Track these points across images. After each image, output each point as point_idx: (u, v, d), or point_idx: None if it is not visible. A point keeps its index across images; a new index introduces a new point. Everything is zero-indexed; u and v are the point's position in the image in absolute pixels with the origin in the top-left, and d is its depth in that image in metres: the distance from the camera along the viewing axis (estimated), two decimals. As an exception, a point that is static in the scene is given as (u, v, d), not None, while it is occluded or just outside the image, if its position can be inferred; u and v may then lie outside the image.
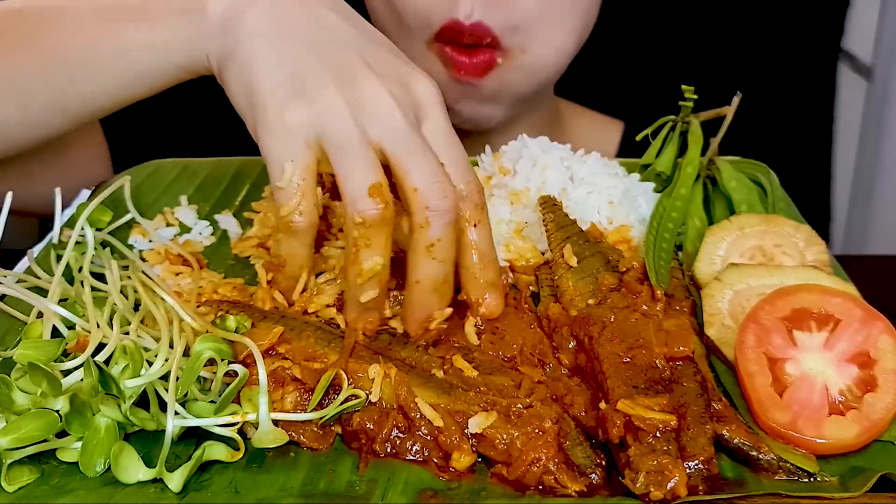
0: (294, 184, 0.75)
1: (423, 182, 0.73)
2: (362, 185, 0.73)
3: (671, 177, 0.95)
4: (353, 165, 0.73)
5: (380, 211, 0.73)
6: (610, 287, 0.79)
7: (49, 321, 0.74)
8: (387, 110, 0.75)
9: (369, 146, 0.74)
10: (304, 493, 0.63)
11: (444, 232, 0.74)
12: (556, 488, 0.63)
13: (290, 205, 0.75)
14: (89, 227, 0.85)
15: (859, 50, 1.76)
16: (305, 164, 0.75)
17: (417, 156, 0.74)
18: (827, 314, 0.71)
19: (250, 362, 0.69)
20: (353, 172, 0.73)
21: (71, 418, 0.65)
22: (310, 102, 0.75)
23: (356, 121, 0.74)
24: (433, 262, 0.75)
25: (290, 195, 0.75)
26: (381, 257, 0.74)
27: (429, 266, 0.75)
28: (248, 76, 0.78)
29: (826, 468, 0.64)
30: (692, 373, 0.69)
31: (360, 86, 0.76)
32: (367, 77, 0.76)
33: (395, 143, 0.74)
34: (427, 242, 0.74)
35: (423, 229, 0.74)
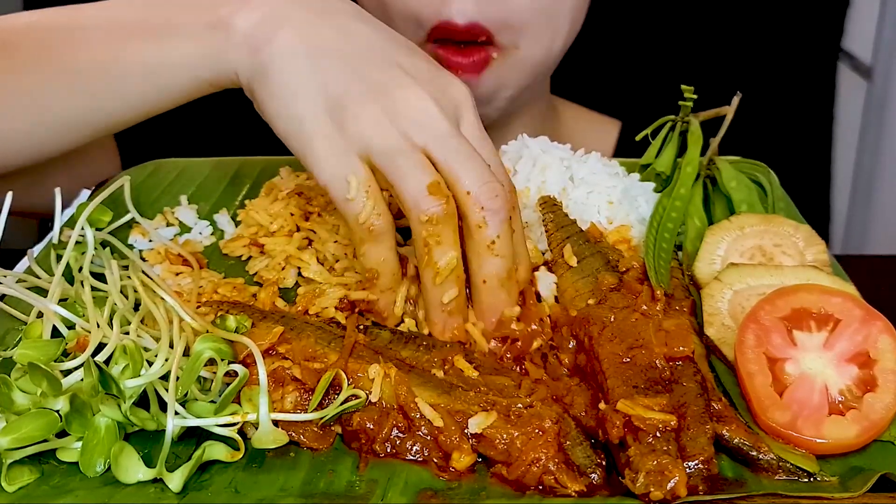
0: (362, 192, 0.76)
1: (474, 184, 0.75)
2: (421, 186, 0.74)
3: (671, 177, 0.95)
4: (407, 170, 0.75)
5: (443, 206, 0.74)
6: (610, 287, 0.79)
7: (49, 321, 0.74)
8: (430, 116, 0.76)
9: (417, 150, 0.75)
10: (304, 493, 0.63)
11: (502, 229, 0.76)
12: (556, 488, 0.63)
13: (365, 211, 0.76)
14: (89, 226, 0.85)
15: (859, 50, 1.76)
16: (367, 175, 0.76)
17: (465, 159, 0.76)
18: (826, 314, 0.71)
19: (250, 362, 0.69)
20: (409, 176, 0.74)
21: (71, 418, 0.65)
22: (355, 124, 0.76)
23: (400, 130, 0.76)
24: (496, 260, 0.76)
25: (361, 202, 0.76)
26: (455, 251, 0.75)
27: (492, 264, 0.76)
28: (288, 101, 0.79)
29: (826, 468, 0.64)
30: (692, 373, 0.69)
31: (401, 95, 0.77)
32: (408, 85, 0.77)
33: (442, 148, 0.76)
34: (487, 241, 0.76)
35: (482, 229, 0.75)
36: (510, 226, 0.77)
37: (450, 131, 0.76)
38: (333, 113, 0.77)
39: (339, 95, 0.77)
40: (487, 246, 0.76)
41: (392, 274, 0.79)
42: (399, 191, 0.75)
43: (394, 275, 0.79)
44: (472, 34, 1.08)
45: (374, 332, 0.77)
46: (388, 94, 0.77)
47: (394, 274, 0.79)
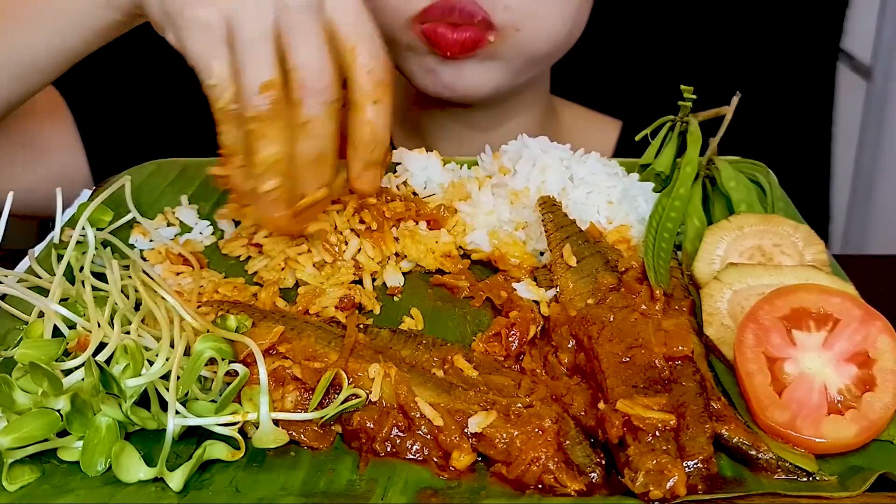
0: (224, 79, 0.77)
1: (300, 60, 0.76)
2: (254, 81, 0.76)
3: (670, 176, 0.96)
4: (249, 60, 0.76)
5: (269, 107, 0.76)
6: (609, 287, 0.79)
7: (50, 321, 0.74)
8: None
9: (267, 38, 0.77)
10: (304, 493, 0.63)
11: (319, 111, 0.77)
12: (555, 487, 0.63)
13: (224, 98, 0.78)
14: (90, 226, 0.86)
15: (858, 50, 1.76)
16: (227, 60, 0.77)
17: (300, 35, 0.77)
18: (826, 314, 0.71)
19: (251, 362, 0.69)
20: (249, 68, 0.76)
21: (72, 418, 0.65)
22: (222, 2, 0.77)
23: (253, 7, 0.76)
24: (307, 140, 0.78)
25: (223, 90, 0.77)
26: (278, 146, 0.77)
27: (303, 143, 0.78)
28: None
29: (825, 467, 0.65)
30: (691, 372, 0.69)
31: None
32: None
33: (286, 22, 0.77)
34: (301, 119, 0.77)
35: (298, 107, 0.77)
36: (332, 109, 0.77)
37: (298, 5, 0.77)
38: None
39: None
40: (301, 124, 0.77)
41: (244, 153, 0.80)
42: (238, 78, 0.77)
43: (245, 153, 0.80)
44: (467, 13, 1.05)
45: (374, 332, 0.77)
46: None
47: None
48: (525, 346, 0.76)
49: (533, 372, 0.74)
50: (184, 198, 1.00)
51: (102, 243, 0.86)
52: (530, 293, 0.83)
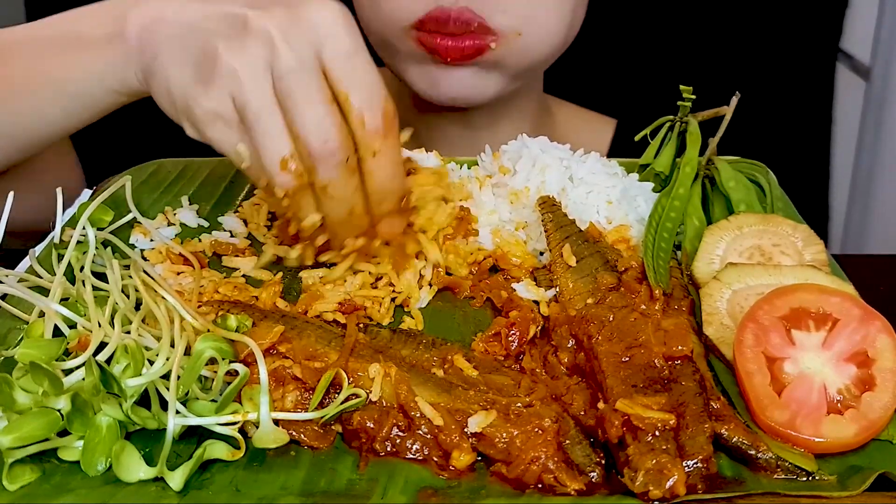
0: (256, 158, 0.78)
1: (304, 128, 0.76)
2: (274, 160, 0.76)
3: (670, 176, 0.96)
4: (262, 138, 0.76)
5: (294, 182, 0.77)
6: (609, 286, 0.79)
7: (50, 320, 0.74)
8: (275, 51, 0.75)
9: (272, 108, 0.76)
10: (304, 492, 0.63)
11: (334, 173, 0.77)
12: (555, 487, 0.64)
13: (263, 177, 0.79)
14: (91, 226, 0.86)
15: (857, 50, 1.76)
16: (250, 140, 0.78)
17: (300, 98, 0.76)
18: (825, 313, 0.71)
19: (251, 361, 0.69)
20: (264, 147, 0.76)
21: (72, 417, 0.65)
22: (212, 78, 0.77)
23: (254, 80, 0.76)
24: (333, 202, 0.78)
25: (260, 170, 0.78)
26: (316, 213, 0.79)
27: (328, 205, 0.79)
28: (165, 83, 0.80)
29: (824, 467, 0.65)
30: (691, 372, 0.69)
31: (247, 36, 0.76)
32: (253, 22, 0.77)
33: (282, 90, 0.76)
34: (320, 184, 0.78)
35: (315, 174, 0.77)
36: (348, 168, 0.77)
37: (290, 68, 0.75)
38: (199, 77, 0.78)
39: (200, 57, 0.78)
40: (321, 188, 0.78)
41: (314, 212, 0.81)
42: (259, 158, 0.77)
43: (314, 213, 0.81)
44: (463, 22, 1.04)
45: (374, 332, 0.77)
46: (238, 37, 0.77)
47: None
48: (525, 345, 0.76)
49: (533, 372, 0.74)
50: (184, 199, 1.01)
51: (103, 243, 0.86)
52: (530, 293, 0.83)
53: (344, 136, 0.77)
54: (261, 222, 0.96)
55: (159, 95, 0.83)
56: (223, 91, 0.77)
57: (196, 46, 0.78)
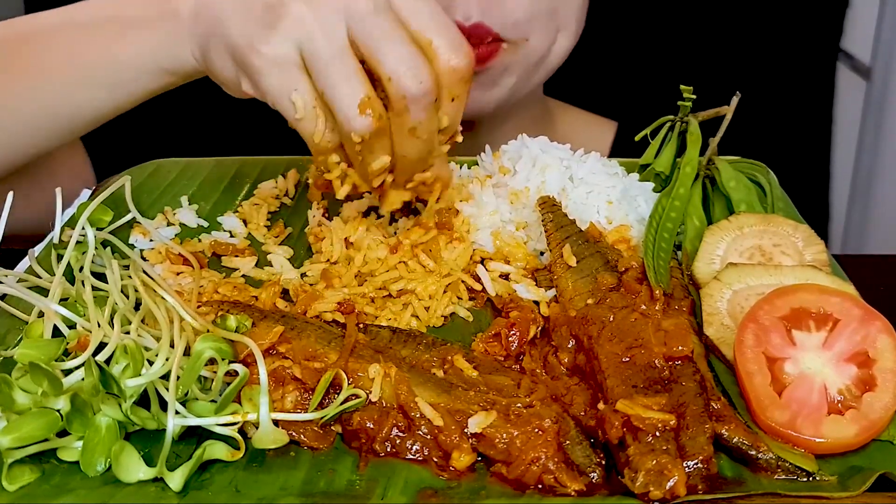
0: (310, 110, 0.77)
1: (393, 69, 0.74)
2: (351, 103, 0.75)
3: (670, 176, 0.96)
4: (337, 83, 0.75)
5: (374, 125, 0.75)
6: (609, 287, 0.79)
7: (50, 321, 0.74)
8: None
9: (346, 52, 0.75)
10: (304, 492, 0.63)
11: (425, 115, 0.77)
12: (555, 487, 0.64)
13: (318, 132, 0.77)
14: (90, 226, 0.86)
15: (858, 50, 1.76)
16: (308, 87, 0.77)
17: (384, 41, 0.75)
18: (826, 314, 0.71)
19: (251, 362, 0.69)
20: (338, 92, 0.75)
21: (72, 418, 0.65)
22: (279, 24, 0.76)
23: (323, 23, 0.75)
24: (416, 142, 0.78)
25: (312, 121, 0.77)
26: (387, 155, 0.78)
27: (412, 146, 0.78)
28: (223, 37, 0.80)
29: (825, 467, 0.65)
30: (691, 372, 0.69)
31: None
32: None
33: (361, 31, 0.75)
34: (409, 125, 0.77)
35: (404, 115, 0.76)
36: (434, 107, 0.77)
37: (369, 10, 0.75)
38: (262, 26, 0.77)
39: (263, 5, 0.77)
40: (409, 129, 0.77)
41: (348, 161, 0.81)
42: (331, 104, 0.76)
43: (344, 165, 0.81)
44: (477, 36, 1.07)
45: (373, 332, 0.77)
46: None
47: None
48: (525, 346, 0.76)
49: (533, 372, 0.74)
50: (184, 199, 1.01)
51: (102, 243, 0.86)
52: (530, 293, 0.83)
53: (434, 77, 0.76)
54: (260, 222, 0.96)
55: (217, 58, 0.82)
56: (289, 37, 0.76)
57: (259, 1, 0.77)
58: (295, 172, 1.04)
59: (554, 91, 1.36)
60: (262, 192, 1.02)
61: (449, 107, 0.78)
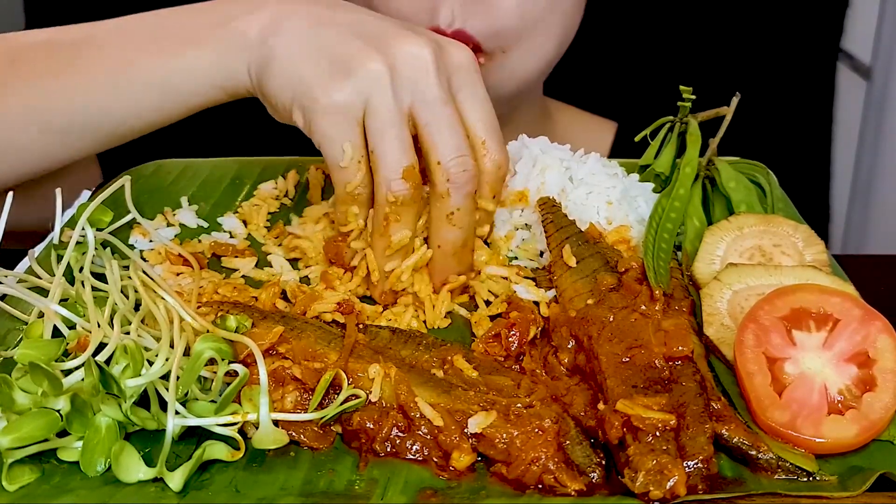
0: (355, 162, 0.80)
1: (446, 156, 0.79)
2: (397, 167, 0.78)
3: (670, 177, 0.96)
4: (389, 147, 0.79)
5: (411, 192, 0.79)
6: (609, 287, 0.79)
7: (50, 321, 0.74)
8: (424, 73, 0.79)
9: (405, 123, 0.79)
10: (304, 493, 0.63)
11: (464, 202, 0.80)
12: (555, 487, 0.64)
13: (355, 181, 0.81)
14: (90, 227, 0.86)
15: (858, 50, 1.76)
16: (360, 144, 0.80)
17: (443, 129, 0.80)
18: (826, 314, 0.71)
19: (251, 362, 0.69)
20: (389, 154, 0.79)
21: (72, 418, 0.65)
22: (354, 75, 0.79)
23: (395, 91, 0.79)
24: (453, 229, 0.81)
25: (354, 172, 0.80)
26: (410, 230, 0.81)
27: (448, 232, 0.81)
28: (291, 69, 0.81)
29: (825, 467, 0.65)
30: (691, 372, 0.69)
31: (402, 46, 0.80)
32: (406, 37, 0.80)
33: (425, 113, 0.79)
34: (447, 211, 0.80)
35: (444, 199, 0.80)
36: (474, 200, 0.81)
37: (437, 95, 0.79)
38: (337, 72, 0.79)
39: (342, 56, 0.80)
40: (447, 216, 0.80)
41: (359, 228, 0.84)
42: (376, 161, 0.79)
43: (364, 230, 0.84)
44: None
45: (374, 332, 0.77)
46: (389, 46, 0.80)
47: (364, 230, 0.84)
48: (525, 346, 0.76)
49: (533, 372, 0.74)
50: (184, 199, 1.01)
51: (102, 244, 0.86)
52: (530, 294, 0.83)
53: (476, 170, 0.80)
54: (260, 223, 0.96)
55: (275, 85, 0.83)
56: (361, 90, 0.79)
57: (334, 45, 0.81)
58: (295, 173, 1.04)
59: (554, 91, 1.36)
60: (262, 192, 1.02)
61: (491, 204, 0.85)
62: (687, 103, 0.98)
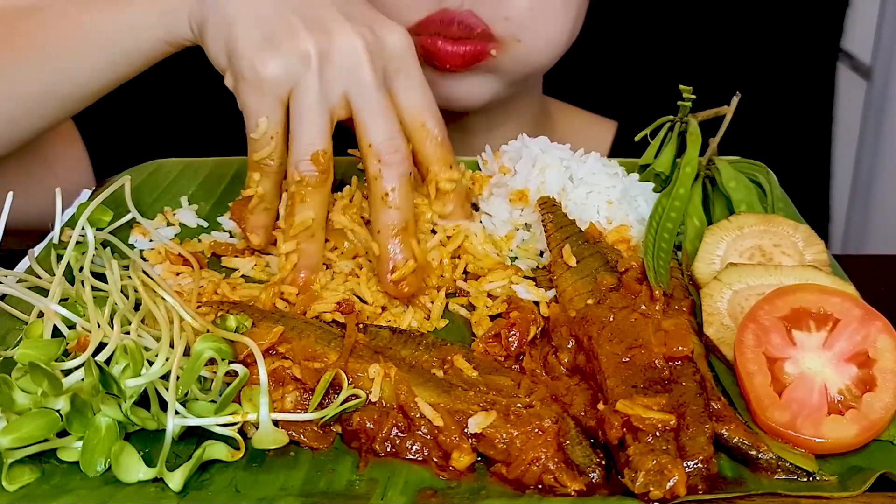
0: (268, 136, 0.82)
1: (376, 138, 0.81)
2: (308, 149, 0.81)
3: (670, 177, 0.96)
4: (305, 129, 0.81)
5: (317, 176, 0.81)
6: (609, 287, 0.79)
7: (50, 321, 0.74)
8: (355, 62, 0.81)
9: (326, 110, 0.81)
10: (304, 493, 0.63)
11: (398, 182, 0.81)
12: (555, 487, 0.63)
13: (263, 152, 0.84)
14: (90, 226, 0.86)
15: (858, 50, 1.76)
16: (278, 120, 0.82)
17: (376, 114, 0.82)
18: (826, 314, 0.71)
19: (251, 362, 0.69)
20: (303, 136, 0.81)
21: (72, 418, 0.65)
22: (284, 54, 0.80)
23: (322, 76, 0.81)
24: (389, 211, 0.81)
25: (264, 145, 0.83)
26: (314, 213, 0.82)
27: (386, 214, 0.82)
28: (227, 33, 0.83)
29: (825, 467, 0.65)
30: (691, 372, 0.69)
31: (332, 34, 0.81)
32: (340, 25, 0.82)
33: (359, 98, 0.82)
34: (381, 192, 0.81)
35: (377, 181, 0.81)
36: (410, 181, 0.82)
37: (370, 82, 0.81)
38: (268, 45, 0.81)
39: (275, 29, 0.81)
40: (381, 197, 0.81)
41: (269, 202, 0.86)
42: (291, 140, 0.81)
43: (270, 202, 0.86)
44: (466, 25, 1.05)
45: (374, 332, 0.77)
46: (323, 32, 0.81)
47: (270, 202, 0.86)
48: (525, 346, 0.76)
49: (533, 372, 0.74)
50: (184, 199, 1.00)
51: (102, 243, 0.86)
52: (530, 294, 0.83)
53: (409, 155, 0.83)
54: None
55: (213, 45, 0.85)
56: (287, 68, 0.80)
57: (270, 17, 0.82)
58: (295, 172, 1.04)
59: (554, 91, 1.35)
60: None
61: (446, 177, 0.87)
62: (687, 103, 0.98)
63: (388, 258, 0.82)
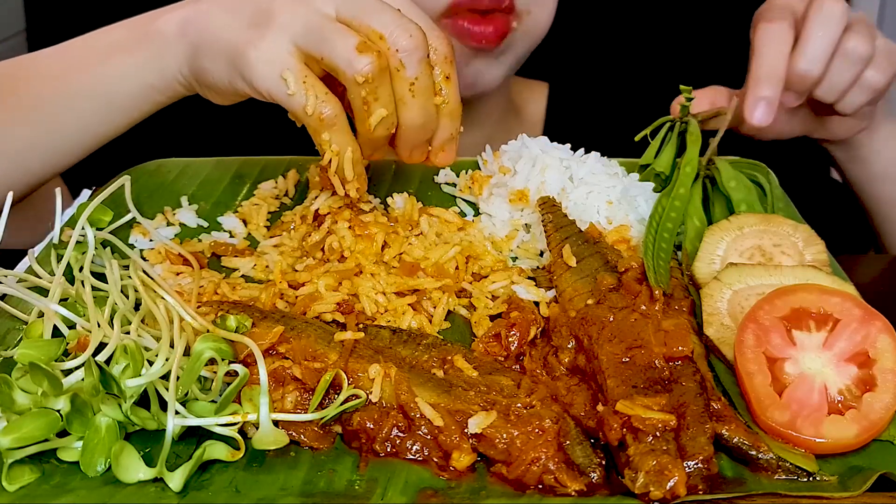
0: (300, 84, 0.81)
1: (385, 27, 0.80)
2: (349, 47, 0.79)
3: (670, 177, 0.96)
4: (331, 39, 0.80)
5: (375, 62, 0.79)
6: (609, 287, 0.79)
7: (50, 321, 0.74)
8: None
9: (335, 20, 0.81)
10: (304, 493, 0.63)
11: (420, 69, 0.80)
12: (555, 487, 0.63)
13: (310, 102, 0.81)
14: (90, 226, 0.85)
15: (858, 50, 1.76)
16: (300, 66, 0.81)
17: (373, 10, 0.81)
18: (826, 314, 0.71)
19: (251, 362, 0.69)
20: (335, 43, 0.79)
21: (72, 418, 0.65)
22: (275, 20, 0.81)
23: (311, 8, 0.81)
24: (416, 103, 0.81)
25: (303, 95, 0.81)
26: (386, 108, 0.81)
27: (413, 107, 0.82)
28: (216, 43, 0.85)
29: (825, 467, 0.65)
30: (691, 372, 0.69)
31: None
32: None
33: (350, 8, 0.81)
34: (407, 83, 0.80)
35: (400, 72, 0.80)
36: (429, 66, 0.81)
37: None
38: (255, 22, 0.82)
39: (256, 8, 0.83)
40: (409, 88, 0.80)
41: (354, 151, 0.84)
42: (330, 60, 0.80)
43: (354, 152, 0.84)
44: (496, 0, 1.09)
45: (374, 332, 0.77)
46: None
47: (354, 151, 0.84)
48: (525, 346, 0.76)
49: (533, 372, 0.74)
50: (184, 199, 1.00)
51: (102, 243, 0.86)
52: (530, 294, 0.83)
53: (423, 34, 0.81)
54: (260, 223, 0.96)
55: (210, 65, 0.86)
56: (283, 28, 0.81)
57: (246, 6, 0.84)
58: (295, 172, 1.04)
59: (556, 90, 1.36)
60: (262, 192, 1.01)
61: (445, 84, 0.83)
62: (687, 103, 0.98)
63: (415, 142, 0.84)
